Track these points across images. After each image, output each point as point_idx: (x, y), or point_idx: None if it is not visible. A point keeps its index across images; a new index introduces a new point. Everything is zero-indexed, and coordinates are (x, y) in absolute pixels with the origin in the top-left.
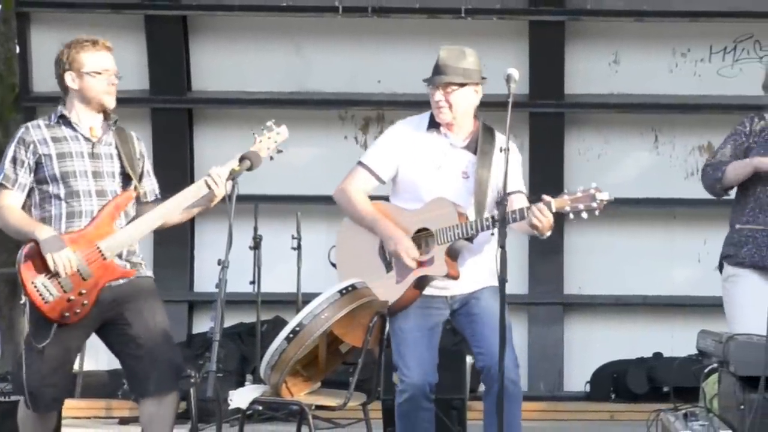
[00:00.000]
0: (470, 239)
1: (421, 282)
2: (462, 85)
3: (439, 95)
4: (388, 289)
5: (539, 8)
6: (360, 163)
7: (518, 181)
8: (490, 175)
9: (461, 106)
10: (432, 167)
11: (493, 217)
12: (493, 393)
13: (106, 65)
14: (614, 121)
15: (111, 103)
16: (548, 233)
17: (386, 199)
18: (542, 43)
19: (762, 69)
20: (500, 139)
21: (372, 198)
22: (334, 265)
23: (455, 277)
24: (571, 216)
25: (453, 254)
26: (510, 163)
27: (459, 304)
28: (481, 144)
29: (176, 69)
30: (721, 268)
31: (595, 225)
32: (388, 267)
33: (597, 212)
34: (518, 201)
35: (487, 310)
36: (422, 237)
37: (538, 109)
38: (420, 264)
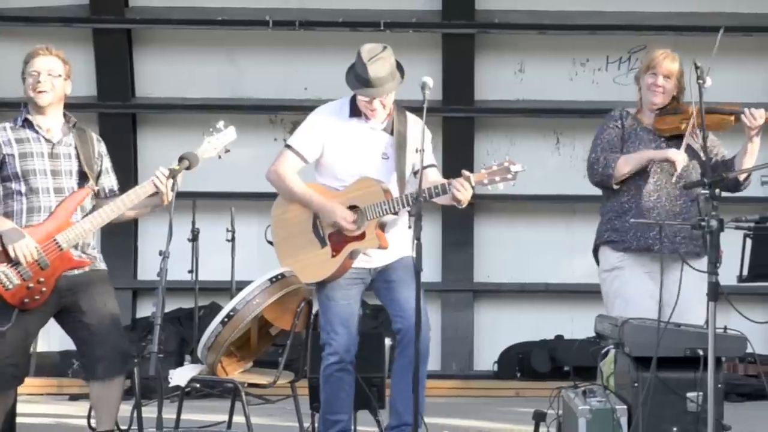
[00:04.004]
0: (396, 213)
1: (353, 255)
2: None
3: (376, 103)
4: (324, 263)
5: (451, 22)
6: (288, 146)
7: (430, 156)
8: (406, 153)
9: (390, 102)
10: (354, 150)
11: (416, 192)
12: (407, 351)
13: (36, 67)
14: (520, 125)
15: (40, 100)
16: (466, 204)
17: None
18: (454, 54)
19: None
20: (411, 117)
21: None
22: (270, 243)
23: (386, 247)
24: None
25: (382, 227)
26: (421, 139)
27: (377, 272)
28: (396, 125)
29: (121, 77)
30: (596, 252)
31: (502, 219)
32: (323, 242)
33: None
34: (433, 174)
35: (404, 278)
36: (355, 212)
37: (450, 114)
38: (353, 239)
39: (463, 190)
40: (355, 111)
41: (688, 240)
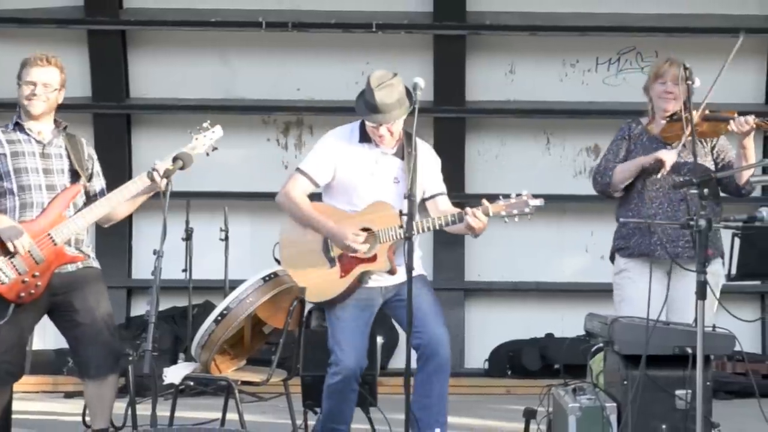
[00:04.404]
0: (409, 238)
1: (363, 276)
2: None
3: (383, 130)
4: (332, 283)
5: (442, 23)
6: (299, 170)
7: (439, 183)
8: (417, 178)
9: (398, 129)
10: (366, 174)
11: (432, 220)
12: (427, 367)
13: (33, 77)
14: (510, 125)
15: (33, 109)
16: (480, 234)
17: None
18: (445, 55)
19: (644, 76)
20: (419, 142)
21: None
22: (278, 261)
23: (394, 273)
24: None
25: (394, 251)
26: (431, 165)
27: (392, 293)
28: (406, 149)
29: (116, 78)
30: (612, 259)
31: (493, 218)
32: (332, 263)
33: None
34: (442, 202)
35: (418, 297)
36: (366, 236)
37: (441, 114)
38: (363, 261)
39: (478, 222)
40: (365, 136)
41: (691, 246)
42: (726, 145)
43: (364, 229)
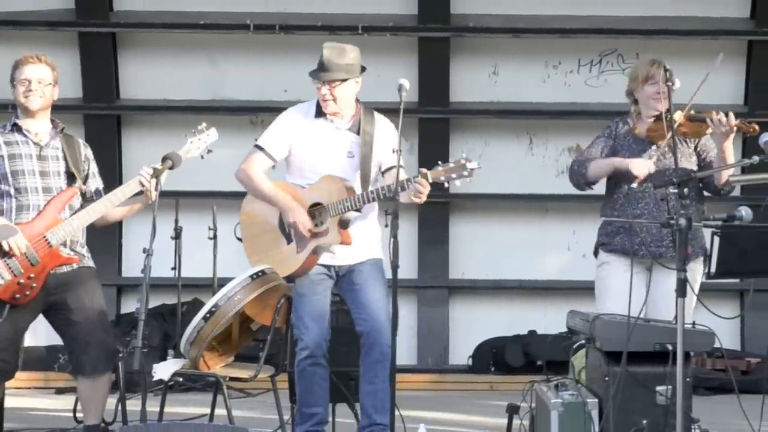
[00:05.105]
0: (359, 210)
1: (318, 251)
2: (344, 80)
3: (324, 90)
4: (289, 259)
5: (427, 26)
6: (256, 146)
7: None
8: (372, 153)
9: (344, 97)
10: (320, 149)
11: (376, 190)
12: (370, 356)
13: (27, 75)
14: (494, 126)
15: (31, 105)
16: (424, 199)
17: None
18: (430, 57)
19: (625, 78)
20: (380, 119)
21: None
22: (239, 239)
23: (348, 243)
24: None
25: (344, 224)
26: (388, 138)
27: (343, 272)
28: (363, 125)
29: (106, 79)
30: (596, 254)
31: (477, 218)
32: (288, 239)
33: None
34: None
35: (368, 281)
36: (317, 210)
37: (426, 115)
38: (316, 234)
39: (421, 188)
40: (319, 112)
41: (674, 246)
42: (709, 145)
43: (315, 204)
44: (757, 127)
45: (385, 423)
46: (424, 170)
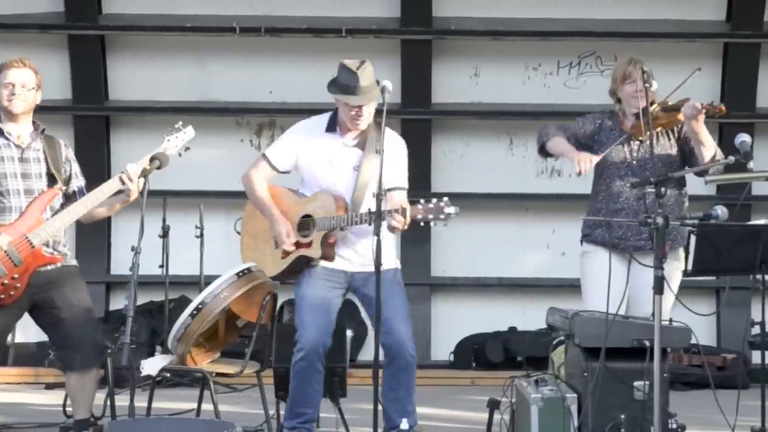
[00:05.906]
0: (342, 229)
1: (300, 260)
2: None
3: (356, 110)
4: (274, 263)
5: (410, 28)
6: (264, 155)
7: (398, 177)
8: (372, 170)
9: (370, 114)
10: (324, 162)
11: (361, 215)
12: (394, 365)
13: (11, 79)
14: (475, 127)
15: (14, 108)
16: (400, 231)
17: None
18: (412, 59)
19: (604, 79)
20: (388, 134)
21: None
22: (239, 233)
23: (330, 260)
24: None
25: (328, 240)
26: (395, 159)
27: (359, 282)
28: (369, 141)
29: (95, 81)
30: (581, 244)
31: (458, 216)
32: (277, 243)
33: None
34: (396, 196)
35: (389, 295)
36: (309, 221)
37: (408, 116)
38: (300, 245)
39: (396, 223)
40: (331, 126)
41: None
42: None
43: (306, 216)
44: (723, 108)
45: (410, 425)
46: (403, 206)
